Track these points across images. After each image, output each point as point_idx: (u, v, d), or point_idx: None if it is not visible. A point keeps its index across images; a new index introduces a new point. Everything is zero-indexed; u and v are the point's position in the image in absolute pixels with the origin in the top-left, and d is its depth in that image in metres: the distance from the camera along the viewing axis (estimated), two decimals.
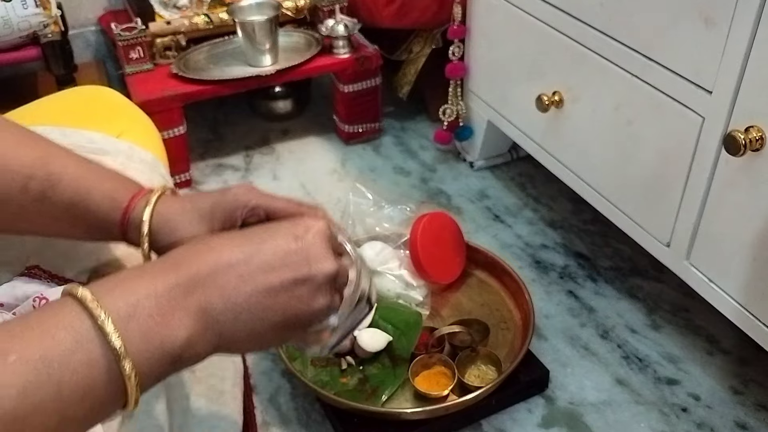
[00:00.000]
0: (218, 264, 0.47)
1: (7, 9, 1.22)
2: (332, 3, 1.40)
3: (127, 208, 0.60)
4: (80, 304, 0.41)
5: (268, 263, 0.49)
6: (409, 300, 1.01)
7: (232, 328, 0.47)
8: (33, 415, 0.39)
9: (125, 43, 1.28)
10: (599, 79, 0.97)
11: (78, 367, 0.41)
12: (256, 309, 0.48)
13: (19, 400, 0.39)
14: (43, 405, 0.40)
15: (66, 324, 0.41)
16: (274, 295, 0.48)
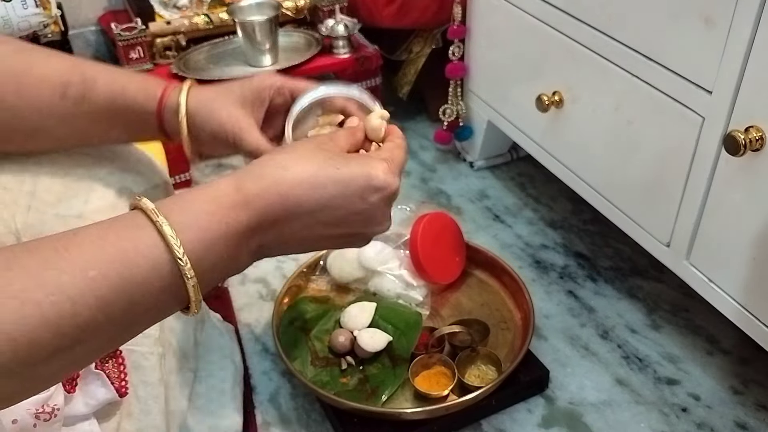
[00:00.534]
0: (286, 211, 0.51)
1: (7, 9, 1.22)
2: (332, 3, 1.40)
3: (162, 97, 0.65)
4: (161, 238, 0.46)
5: (331, 220, 0.53)
6: (409, 300, 1.01)
7: (278, 252, 0.53)
8: (106, 324, 0.44)
9: (125, 43, 1.28)
10: (599, 79, 0.97)
11: (151, 290, 0.46)
12: (304, 244, 0.54)
13: (95, 311, 0.43)
14: (115, 317, 0.44)
15: (145, 253, 0.45)
16: (325, 240, 0.55)
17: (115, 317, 0.44)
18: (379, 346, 0.92)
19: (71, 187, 0.67)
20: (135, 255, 0.45)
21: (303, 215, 0.51)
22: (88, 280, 0.43)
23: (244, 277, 1.15)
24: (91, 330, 0.43)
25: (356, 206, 0.53)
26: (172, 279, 0.46)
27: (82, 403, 0.61)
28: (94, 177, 0.68)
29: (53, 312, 0.41)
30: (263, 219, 0.50)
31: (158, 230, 0.46)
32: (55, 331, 0.41)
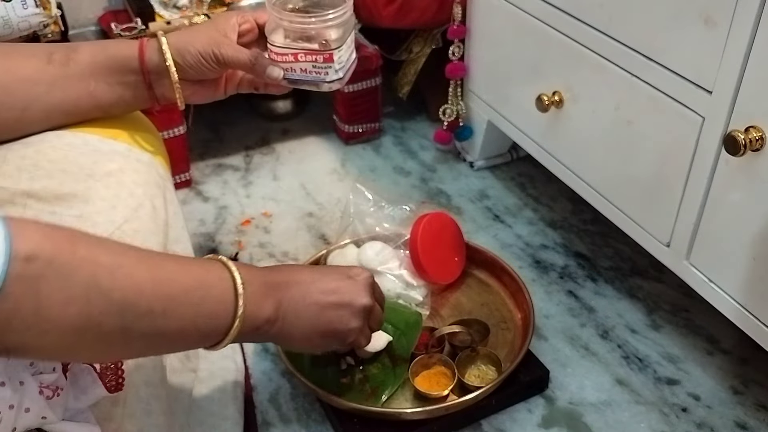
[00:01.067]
0: (294, 279, 0.68)
1: (7, 9, 1.22)
2: None
3: (142, 44, 0.72)
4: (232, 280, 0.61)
5: (325, 288, 0.69)
6: (409, 300, 1.01)
7: (292, 323, 0.66)
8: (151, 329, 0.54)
9: None
10: (599, 79, 0.97)
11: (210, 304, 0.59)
12: (309, 315, 0.67)
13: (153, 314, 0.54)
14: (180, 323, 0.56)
15: (215, 284, 0.60)
16: (323, 310, 0.68)
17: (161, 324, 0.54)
18: (380, 346, 0.92)
19: (69, 187, 0.67)
20: (205, 283, 0.59)
21: (304, 283, 0.69)
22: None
23: None
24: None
25: (343, 281, 0.71)
26: (223, 313, 0.60)
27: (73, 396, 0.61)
28: (94, 177, 0.68)
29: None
30: (281, 280, 0.67)
31: (231, 275, 0.61)
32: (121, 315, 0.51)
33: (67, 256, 0.47)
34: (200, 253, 1.19)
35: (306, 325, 0.68)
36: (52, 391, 0.56)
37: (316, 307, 0.68)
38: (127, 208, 0.69)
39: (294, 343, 0.69)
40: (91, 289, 0.48)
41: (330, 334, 0.70)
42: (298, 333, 0.67)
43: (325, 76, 0.77)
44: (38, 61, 0.68)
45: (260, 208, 1.32)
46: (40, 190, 0.66)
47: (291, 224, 1.27)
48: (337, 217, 1.24)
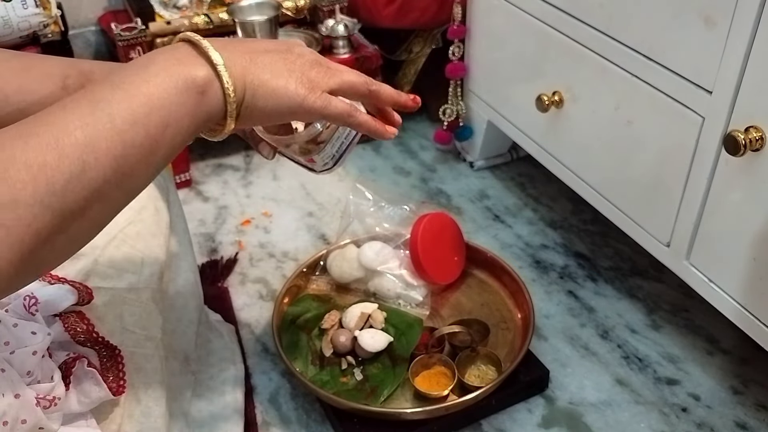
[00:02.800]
0: (220, 42, 0.53)
1: (7, 9, 1.22)
2: (332, 3, 1.40)
3: None
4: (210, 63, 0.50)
5: (257, 43, 0.56)
6: (409, 300, 1.01)
7: (241, 71, 0.53)
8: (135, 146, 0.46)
9: (125, 43, 1.27)
10: (599, 79, 0.97)
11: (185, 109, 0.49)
12: (256, 60, 0.54)
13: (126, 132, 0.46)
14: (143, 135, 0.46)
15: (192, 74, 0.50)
16: (268, 53, 0.55)
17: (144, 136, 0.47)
18: (380, 346, 0.92)
19: None
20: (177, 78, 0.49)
21: (242, 42, 0.56)
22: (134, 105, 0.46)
23: (244, 277, 1.15)
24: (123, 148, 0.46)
25: (278, 43, 0.59)
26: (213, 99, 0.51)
27: (76, 401, 0.61)
28: None
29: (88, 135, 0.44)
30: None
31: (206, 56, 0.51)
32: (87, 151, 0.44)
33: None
34: (200, 253, 1.19)
35: (257, 70, 0.54)
36: (49, 401, 0.56)
37: (258, 52, 0.55)
38: (130, 210, 0.69)
39: (258, 98, 0.54)
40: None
41: (288, 72, 0.56)
42: (253, 78, 0.54)
43: (312, 167, 0.75)
44: (53, 85, 0.66)
45: (260, 208, 1.32)
46: None
47: (291, 224, 1.27)
48: (337, 217, 1.24)
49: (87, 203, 0.44)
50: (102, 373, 0.62)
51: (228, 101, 0.51)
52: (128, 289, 0.68)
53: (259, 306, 1.10)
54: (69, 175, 0.43)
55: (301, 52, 0.58)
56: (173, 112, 0.48)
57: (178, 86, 0.49)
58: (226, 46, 0.53)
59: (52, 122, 0.45)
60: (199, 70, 0.50)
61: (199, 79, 0.50)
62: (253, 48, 0.55)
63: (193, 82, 0.49)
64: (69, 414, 0.60)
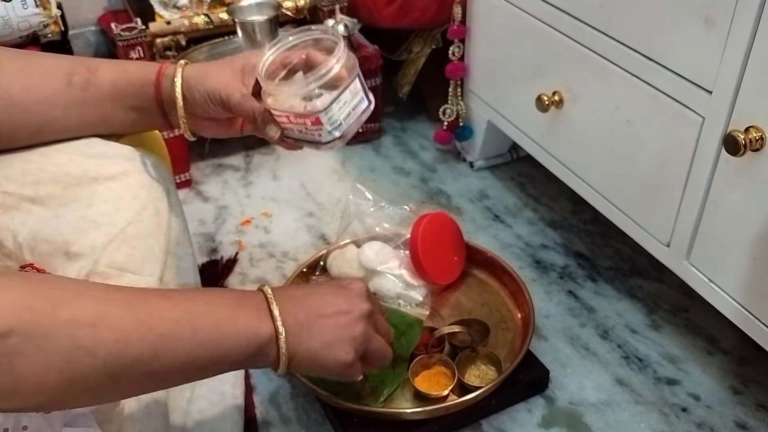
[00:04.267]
0: (286, 294, 0.65)
1: (7, 9, 1.22)
2: (332, 3, 1.40)
3: (160, 70, 0.71)
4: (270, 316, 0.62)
5: (320, 300, 0.67)
6: (409, 300, 1.01)
7: (295, 338, 0.63)
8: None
9: (125, 43, 1.27)
10: (599, 79, 0.97)
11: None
12: (310, 326, 0.64)
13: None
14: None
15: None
16: (323, 319, 0.65)
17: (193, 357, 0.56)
18: None
19: (74, 191, 0.67)
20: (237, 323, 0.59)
21: (299, 296, 0.67)
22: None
23: (244, 277, 1.15)
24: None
25: (336, 290, 0.70)
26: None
27: None
28: (98, 180, 0.68)
29: (147, 320, 0.53)
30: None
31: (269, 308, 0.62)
32: (145, 335, 0.52)
33: (46, 324, 0.46)
34: (200, 253, 1.19)
35: (310, 339, 0.64)
36: None
37: (316, 317, 0.65)
38: (131, 211, 0.69)
39: (304, 362, 0.65)
40: (73, 351, 0.47)
41: (337, 343, 0.66)
42: (304, 348, 0.63)
43: (319, 137, 0.72)
44: (58, 83, 0.67)
45: (260, 208, 1.32)
46: (44, 196, 0.66)
47: (291, 224, 1.27)
48: (337, 217, 1.24)
49: (133, 384, 0.53)
50: None
51: (281, 360, 0.62)
52: None
53: None
54: (138, 356, 0.51)
55: (359, 313, 0.68)
56: (235, 360, 0.59)
57: (248, 345, 0.59)
58: (289, 301, 0.64)
59: (153, 306, 0.54)
60: (265, 330, 0.61)
61: (262, 344, 0.60)
62: (314, 310, 0.65)
63: (258, 344, 0.60)
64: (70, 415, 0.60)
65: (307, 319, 0.64)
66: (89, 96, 0.68)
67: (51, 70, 0.67)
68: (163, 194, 0.75)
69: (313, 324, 0.64)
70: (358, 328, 0.68)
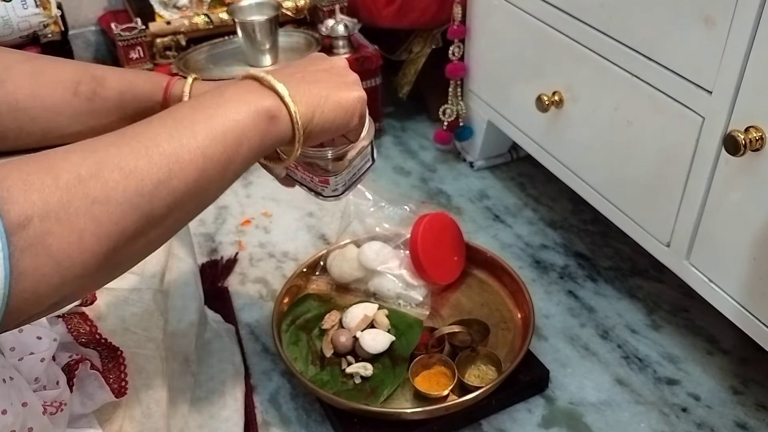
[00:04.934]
0: (275, 74, 0.58)
1: (7, 9, 1.22)
2: (332, 3, 1.40)
3: (168, 85, 0.70)
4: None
5: (300, 63, 0.62)
6: (409, 300, 1.01)
7: (303, 94, 0.57)
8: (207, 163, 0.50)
9: (125, 43, 1.28)
10: (599, 79, 0.97)
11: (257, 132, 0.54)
12: (312, 81, 0.59)
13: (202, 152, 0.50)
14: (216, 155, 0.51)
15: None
16: (317, 72, 0.61)
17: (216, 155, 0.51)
18: (381, 348, 0.92)
19: None
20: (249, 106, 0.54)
21: (287, 66, 0.62)
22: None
23: (244, 277, 1.15)
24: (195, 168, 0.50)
25: (314, 57, 0.64)
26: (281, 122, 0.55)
27: (79, 402, 0.61)
28: None
29: (142, 147, 0.48)
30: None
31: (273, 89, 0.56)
32: (149, 160, 0.47)
33: (55, 195, 0.43)
34: (200, 253, 1.19)
35: (317, 87, 0.59)
36: (55, 407, 0.56)
37: (311, 72, 0.61)
38: None
39: (326, 116, 0.59)
40: (93, 208, 0.44)
41: (344, 85, 0.61)
42: (314, 96, 0.58)
43: (321, 191, 0.78)
44: (64, 91, 0.67)
45: (260, 208, 1.32)
46: None
47: (291, 224, 1.27)
48: (337, 217, 1.24)
49: (168, 210, 0.49)
50: (104, 374, 0.62)
51: (296, 127, 0.56)
52: (130, 290, 0.68)
53: (259, 306, 1.10)
54: (157, 180, 0.47)
55: (334, 62, 0.63)
56: (246, 132, 0.53)
57: (249, 111, 0.54)
58: (284, 77, 0.58)
59: (142, 133, 0.49)
60: (267, 100, 0.55)
61: (268, 106, 0.55)
62: (304, 74, 0.60)
63: (264, 108, 0.54)
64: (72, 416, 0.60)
65: (303, 80, 0.59)
66: (95, 106, 0.69)
67: (58, 77, 0.67)
68: None
69: (312, 81, 0.59)
70: (351, 75, 0.63)
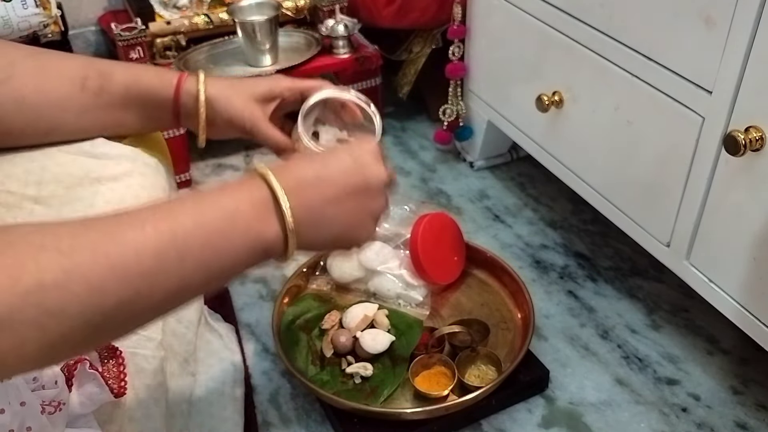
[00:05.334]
0: (297, 180, 0.55)
1: (7, 9, 1.22)
2: (332, 3, 1.40)
3: (179, 83, 0.70)
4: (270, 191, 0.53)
5: (333, 179, 0.57)
6: (409, 300, 1.01)
7: (312, 231, 0.55)
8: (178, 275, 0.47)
9: (125, 43, 1.27)
10: (599, 79, 0.97)
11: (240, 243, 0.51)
12: (329, 215, 0.57)
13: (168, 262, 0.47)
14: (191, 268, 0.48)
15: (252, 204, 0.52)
16: (342, 202, 0.57)
17: (191, 268, 0.48)
18: (381, 348, 0.92)
19: (76, 191, 0.67)
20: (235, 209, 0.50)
21: (311, 181, 0.57)
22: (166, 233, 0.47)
23: (244, 277, 1.15)
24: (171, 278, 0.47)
25: (348, 163, 0.59)
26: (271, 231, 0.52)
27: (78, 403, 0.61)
28: (101, 180, 0.68)
29: (120, 262, 0.44)
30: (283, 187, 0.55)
31: (268, 185, 0.53)
32: (122, 279, 0.44)
33: (8, 301, 0.41)
34: None
35: (328, 227, 0.57)
36: (54, 407, 0.56)
37: (332, 203, 0.57)
38: None
39: (317, 248, 0.60)
40: (43, 318, 0.42)
41: (358, 224, 0.60)
42: (320, 237, 0.57)
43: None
44: (71, 86, 0.67)
45: None
46: (47, 196, 0.66)
47: None
48: None
49: (124, 325, 0.47)
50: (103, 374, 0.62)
51: (287, 254, 0.54)
52: None
53: (259, 306, 1.10)
54: (120, 300, 0.44)
55: (377, 185, 0.60)
56: (237, 266, 0.51)
57: (249, 246, 0.51)
58: (300, 191, 0.54)
59: (131, 239, 0.45)
60: (272, 230, 0.52)
61: (271, 243, 0.52)
62: (329, 195, 0.56)
63: (266, 244, 0.52)
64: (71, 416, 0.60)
65: (322, 208, 0.56)
66: (102, 101, 0.68)
67: (64, 73, 0.67)
68: (165, 195, 0.75)
69: (329, 212, 0.56)
70: (379, 201, 0.61)
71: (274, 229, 0.52)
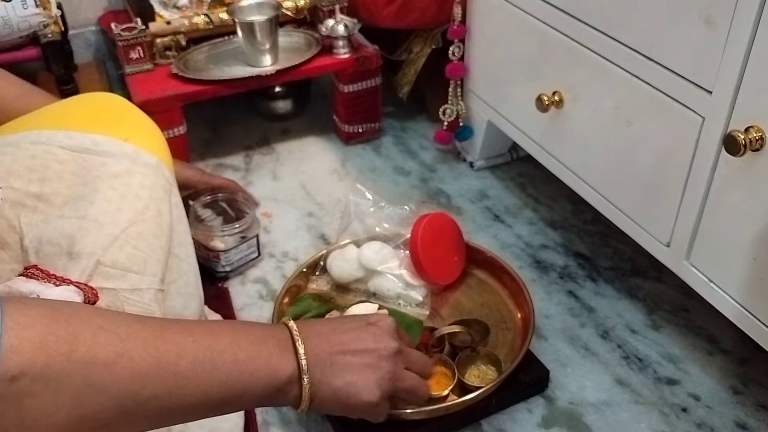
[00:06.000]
0: (311, 332, 0.66)
1: (7, 9, 1.22)
2: (332, 3, 1.40)
3: None
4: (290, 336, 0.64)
5: (346, 336, 0.67)
6: (409, 300, 1.01)
7: (318, 378, 0.63)
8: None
9: (125, 43, 1.28)
10: (599, 79, 0.97)
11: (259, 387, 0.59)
12: (336, 365, 0.64)
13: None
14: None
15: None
16: (349, 356, 0.66)
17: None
18: None
19: (78, 189, 0.67)
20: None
21: (323, 332, 0.68)
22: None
23: (244, 277, 1.15)
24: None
25: (361, 327, 0.69)
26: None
27: None
28: (101, 179, 0.68)
29: (165, 359, 0.51)
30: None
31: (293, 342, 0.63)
32: (161, 375, 0.51)
33: (60, 365, 0.44)
34: None
35: (334, 376, 0.64)
36: None
37: (340, 354, 0.65)
38: (133, 211, 0.69)
39: (327, 400, 0.65)
40: (84, 391, 0.45)
41: (362, 382, 0.66)
42: (327, 386, 0.64)
43: (214, 266, 1.10)
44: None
45: (260, 208, 1.32)
46: (50, 193, 0.66)
47: (291, 224, 1.27)
48: (337, 217, 1.24)
49: (146, 416, 0.51)
50: None
51: (303, 400, 0.63)
52: (131, 290, 0.68)
53: (259, 306, 1.10)
54: (154, 394, 0.50)
55: (386, 352, 0.68)
56: (252, 393, 0.59)
57: (266, 377, 0.59)
58: (314, 338, 0.65)
59: (174, 343, 0.53)
60: (288, 368, 0.61)
61: (282, 380, 0.61)
62: (339, 347, 0.66)
63: (279, 383, 0.60)
64: None
65: (331, 356, 0.64)
66: None
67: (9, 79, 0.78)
68: (165, 194, 0.75)
69: (338, 361, 0.64)
70: (385, 367, 0.68)
71: (289, 365, 0.61)
